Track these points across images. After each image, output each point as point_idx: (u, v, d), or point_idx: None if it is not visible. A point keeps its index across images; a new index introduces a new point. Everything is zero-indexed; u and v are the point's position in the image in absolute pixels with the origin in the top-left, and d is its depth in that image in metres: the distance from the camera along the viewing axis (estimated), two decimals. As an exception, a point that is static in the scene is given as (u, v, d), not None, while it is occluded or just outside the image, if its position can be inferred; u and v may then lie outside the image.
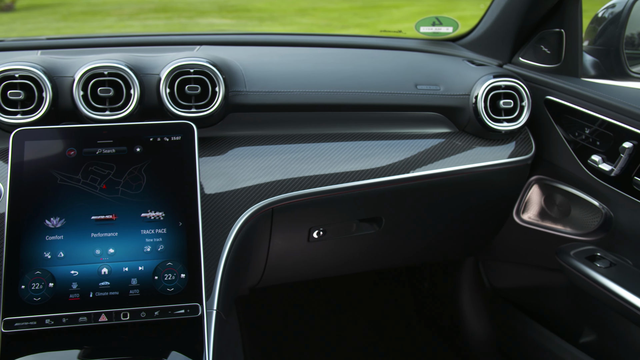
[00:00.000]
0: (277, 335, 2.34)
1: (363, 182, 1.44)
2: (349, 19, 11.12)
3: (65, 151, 1.25)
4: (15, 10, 11.81)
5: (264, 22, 10.68)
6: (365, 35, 1.93)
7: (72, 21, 10.87)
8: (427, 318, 2.37)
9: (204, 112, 1.38)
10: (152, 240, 1.21)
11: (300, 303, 2.42)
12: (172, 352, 1.17)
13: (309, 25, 10.54)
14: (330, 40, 1.83)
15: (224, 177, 1.36)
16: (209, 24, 10.48)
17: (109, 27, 10.27)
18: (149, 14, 11.59)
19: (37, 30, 9.84)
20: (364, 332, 2.40)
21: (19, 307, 1.15)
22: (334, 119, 1.51)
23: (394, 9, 11.47)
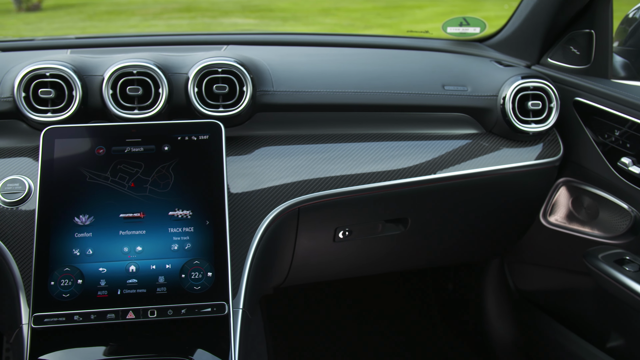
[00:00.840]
0: (300, 335, 2.34)
1: (389, 182, 1.44)
2: (372, 19, 11.10)
3: (94, 149, 1.27)
4: (42, 10, 11.95)
5: (287, 22, 10.70)
6: (392, 36, 1.92)
7: (97, 20, 10.97)
8: (451, 320, 2.36)
9: (231, 111, 1.38)
10: (179, 238, 1.22)
11: (324, 303, 2.42)
12: (198, 349, 1.18)
13: (332, 25, 10.54)
14: (357, 40, 1.82)
15: (251, 176, 1.37)
16: (232, 23, 10.51)
17: (134, 26, 10.35)
18: (173, 13, 11.67)
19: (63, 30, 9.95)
20: (386, 333, 2.39)
21: (48, 303, 1.16)
22: (361, 119, 1.51)
23: (417, 9, 11.43)
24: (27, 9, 11.63)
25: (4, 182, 1.30)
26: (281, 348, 2.25)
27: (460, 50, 1.79)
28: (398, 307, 2.46)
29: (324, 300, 2.42)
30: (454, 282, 2.31)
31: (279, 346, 2.24)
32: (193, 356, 1.17)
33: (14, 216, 1.27)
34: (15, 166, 1.34)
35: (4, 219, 1.27)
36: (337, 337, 2.36)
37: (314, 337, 2.35)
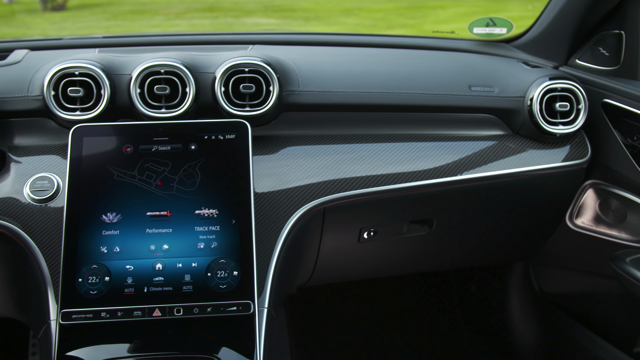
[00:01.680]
0: (322, 335, 2.34)
1: (415, 183, 1.43)
2: (394, 20, 11.06)
3: (122, 148, 1.27)
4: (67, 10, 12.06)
5: (309, 22, 10.69)
6: (418, 36, 1.91)
7: (121, 20, 11.05)
8: (474, 322, 2.34)
9: (257, 110, 1.38)
10: (205, 237, 1.23)
11: (346, 303, 2.42)
12: (223, 348, 1.18)
13: (354, 25, 10.52)
14: (382, 40, 1.82)
15: (277, 176, 1.37)
16: (254, 23, 10.53)
17: (157, 26, 10.40)
18: (196, 13, 11.71)
19: (87, 29, 10.03)
20: (409, 333, 2.38)
21: (76, 299, 1.18)
22: (386, 120, 1.50)
23: (440, 9, 11.37)
24: (53, 8, 11.74)
25: (33, 180, 1.31)
26: (303, 348, 2.25)
27: (486, 50, 1.78)
28: (420, 308, 2.45)
29: (345, 300, 2.42)
30: (477, 284, 2.30)
31: (300, 346, 2.24)
32: (218, 354, 1.17)
33: (42, 213, 1.29)
34: (44, 164, 1.35)
35: (33, 216, 1.29)
36: (358, 338, 2.35)
37: (335, 337, 2.35)
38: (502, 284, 2.14)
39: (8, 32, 9.82)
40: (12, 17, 11.55)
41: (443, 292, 2.45)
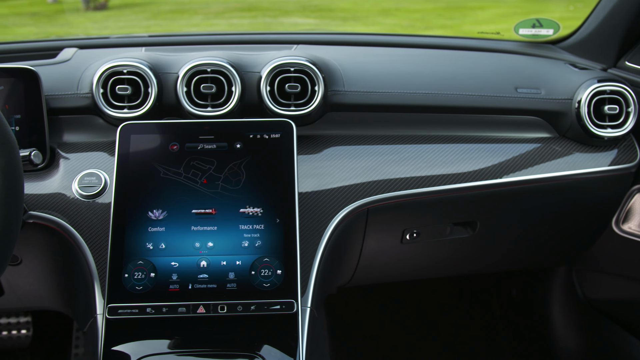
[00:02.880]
0: (359, 336, 2.34)
1: (459, 185, 1.42)
2: (433, 20, 10.98)
3: (168, 145, 1.29)
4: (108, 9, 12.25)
5: (347, 22, 10.68)
6: (462, 37, 1.89)
7: (161, 19, 11.18)
8: (514, 326, 2.32)
9: (302, 110, 1.39)
10: (249, 235, 1.23)
11: (385, 304, 2.41)
12: (265, 346, 1.19)
13: (392, 25, 10.48)
14: (426, 41, 1.81)
15: (320, 176, 1.37)
16: (292, 23, 10.56)
17: (196, 25, 10.50)
18: (235, 12, 11.78)
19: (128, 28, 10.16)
20: (446, 337, 2.37)
21: (122, 295, 1.19)
22: (431, 121, 1.49)
23: (479, 10, 11.26)
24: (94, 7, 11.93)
25: (81, 176, 1.33)
26: (340, 348, 2.25)
27: (532, 52, 1.76)
28: (459, 310, 2.43)
29: (383, 302, 2.41)
30: (518, 288, 2.27)
31: (338, 346, 2.24)
32: (261, 352, 1.18)
33: (89, 209, 1.31)
34: (91, 160, 1.37)
35: (80, 211, 1.31)
36: (395, 339, 2.34)
37: (371, 338, 2.34)
38: (544, 288, 2.11)
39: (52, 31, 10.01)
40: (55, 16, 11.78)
41: (482, 296, 2.43)
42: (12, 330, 2.15)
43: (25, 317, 2.15)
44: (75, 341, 2.16)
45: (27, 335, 2.16)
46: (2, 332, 2.14)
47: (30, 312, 2.16)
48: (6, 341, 2.16)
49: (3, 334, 2.15)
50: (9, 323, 2.14)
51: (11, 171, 1.04)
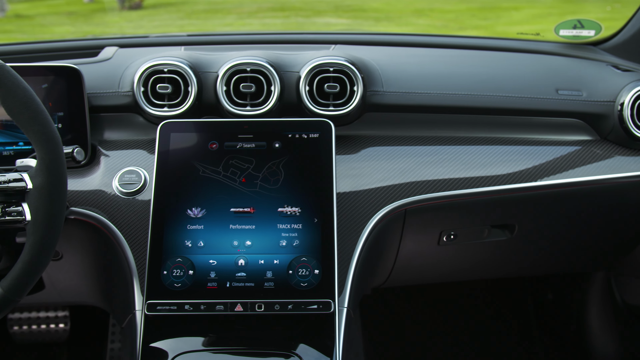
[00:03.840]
0: (394, 336, 2.33)
1: (498, 187, 1.40)
2: (466, 21, 10.90)
3: (207, 144, 1.30)
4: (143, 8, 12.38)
5: (380, 22, 10.65)
6: (501, 38, 1.87)
7: (194, 19, 11.27)
8: (550, 331, 2.29)
9: (341, 110, 1.39)
10: (287, 235, 1.24)
11: (419, 306, 2.40)
12: (302, 345, 1.19)
13: (425, 26, 10.42)
14: (465, 42, 1.79)
15: (358, 176, 1.37)
16: (325, 23, 10.56)
17: (229, 24, 10.56)
18: (267, 12, 11.83)
19: (162, 27, 10.26)
20: (481, 340, 2.34)
21: (160, 291, 1.20)
22: (470, 122, 1.48)
23: (514, 10, 11.14)
24: (129, 7, 12.08)
25: (122, 173, 1.35)
26: (374, 350, 2.24)
27: (573, 53, 1.73)
28: (493, 314, 2.40)
29: (418, 304, 2.40)
30: (554, 292, 2.24)
31: (371, 348, 2.24)
32: (298, 351, 1.18)
33: (129, 206, 1.32)
34: (131, 158, 1.39)
35: (120, 208, 1.32)
36: (427, 342, 2.33)
37: (406, 340, 2.33)
38: (581, 293, 2.08)
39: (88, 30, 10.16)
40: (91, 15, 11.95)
41: (517, 299, 2.40)
42: (51, 324, 2.19)
43: (63, 311, 2.19)
44: (111, 336, 2.19)
45: (65, 330, 2.20)
46: (41, 326, 2.18)
47: (68, 307, 2.19)
48: (45, 334, 2.20)
49: (42, 328, 2.19)
50: (47, 317, 2.18)
51: (55, 168, 1.06)
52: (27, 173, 1.08)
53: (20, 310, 2.15)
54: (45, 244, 1.05)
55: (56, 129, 1.07)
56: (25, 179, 1.07)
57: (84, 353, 2.26)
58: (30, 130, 1.05)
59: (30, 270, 1.05)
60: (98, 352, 2.21)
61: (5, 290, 1.04)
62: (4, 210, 1.08)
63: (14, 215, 1.07)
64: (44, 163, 1.05)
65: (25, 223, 1.06)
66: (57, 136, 1.06)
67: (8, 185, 1.08)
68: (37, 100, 1.06)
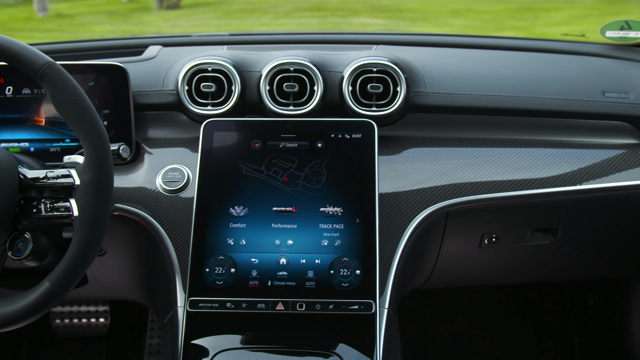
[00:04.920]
0: (430, 338, 2.31)
1: (542, 190, 1.38)
2: (504, 21, 10.78)
3: (250, 143, 1.31)
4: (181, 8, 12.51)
5: (416, 22, 10.60)
6: (546, 39, 1.85)
7: (231, 18, 11.35)
8: (591, 338, 2.25)
9: (384, 111, 1.39)
10: (329, 234, 1.24)
11: (456, 309, 2.38)
12: (343, 345, 1.19)
13: (462, 27, 10.34)
14: (508, 43, 1.77)
15: (400, 177, 1.36)
16: (361, 23, 10.55)
17: (266, 24, 10.60)
18: (303, 12, 11.85)
19: (199, 27, 10.36)
20: (519, 345, 2.32)
21: (203, 288, 1.21)
22: (513, 124, 1.46)
23: (553, 11, 10.99)
24: (167, 6, 12.21)
25: (165, 171, 1.36)
26: (411, 352, 2.23)
27: (620, 55, 1.70)
28: (533, 319, 2.37)
29: (456, 306, 2.38)
30: (595, 297, 2.20)
31: (408, 350, 2.23)
32: (338, 350, 1.18)
33: (172, 204, 1.34)
34: (174, 156, 1.40)
35: (162, 206, 1.34)
36: (466, 345, 2.31)
37: (442, 343, 2.32)
38: (623, 299, 2.03)
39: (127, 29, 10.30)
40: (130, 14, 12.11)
41: (557, 304, 2.36)
42: (91, 318, 2.22)
43: (103, 306, 2.22)
44: (149, 331, 2.22)
45: (105, 324, 2.23)
46: (82, 320, 2.22)
47: (108, 302, 2.23)
48: (85, 328, 2.23)
49: (82, 322, 2.22)
50: (88, 311, 2.22)
51: (102, 164, 1.07)
52: (74, 169, 1.09)
53: (62, 303, 2.19)
54: (92, 240, 1.07)
55: (103, 126, 1.08)
56: (73, 175, 1.08)
57: (123, 347, 2.29)
58: (79, 128, 1.07)
59: (77, 265, 1.06)
60: (136, 346, 2.24)
61: (52, 284, 1.06)
62: (52, 206, 1.10)
63: (61, 210, 1.09)
64: (92, 160, 1.07)
65: (72, 219, 1.08)
66: (104, 133, 1.08)
67: (56, 181, 1.10)
68: (86, 98, 1.08)
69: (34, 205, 1.11)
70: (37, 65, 1.07)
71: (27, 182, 1.12)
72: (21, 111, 1.41)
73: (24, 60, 1.08)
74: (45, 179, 1.11)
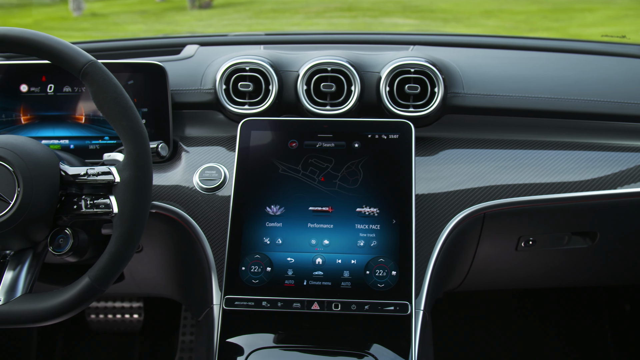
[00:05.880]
0: (464, 340, 2.30)
1: (580, 194, 1.36)
2: (537, 22, 10.67)
3: (287, 142, 1.31)
4: (213, 7, 12.59)
5: (448, 23, 10.55)
6: (585, 40, 1.82)
7: (262, 18, 11.41)
8: (628, 346, 2.21)
9: (421, 112, 1.38)
10: (365, 235, 1.23)
11: (489, 312, 2.36)
12: (377, 345, 1.18)
13: (495, 27, 10.26)
14: (546, 44, 1.75)
15: (437, 179, 1.35)
16: (392, 23, 10.53)
17: (297, 24, 10.64)
18: (335, 12, 11.87)
19: (231, 26, 10.43)
20: (553, 351, 2.29)
21: (238, 287, 1.22)
22: (552, 126, 1.44)
23: (588, 12, 10.86)
24: (199, 6, 12.32)
25: (202, 169, 1.37)
26: (444, 352, 2.22)
27: (663, 57, 1.67)
28: (567, 324, 2.34)
29: (488, 309, 2.36)
30: (632, 303, 2.17)
31: (442, 350, 2.22)
32: (373, 351, 1.18)
33: (208, 202, 1.34)
34: (211, 154, 1.41)
35: (199, 204, 1.34)
36: (499, 349, 2.28)
37: (476, 346, 2.30)
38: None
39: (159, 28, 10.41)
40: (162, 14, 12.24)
41: (592, 309, 2.33)
42: (125, 314, 2.25)
43: (137, 302, 2.25)
44: (182, 328, 2.24)
45: (139, 320, 2.26)
46: (117, 315, 2.25)
47: (142, 298, 2.25)
48: (120, 324, 2.26)
49: (117, 317, 2.25)
50: (122, 307, 2.24)
51: (142, 162, 1.09)
52: (114, 167, 1.11)
53: (97, 299, 2.22)
54: (131, 236, 1.08)
55: (143, 124, 1.10)
56: (113, 173, 1.10)
57: (156, 344, 2.31)
58: (119, 125, 1.08)
59: (116, 261, 1.08)
60: (169, 343, 2.26)
61: (92, 279, 1.07)
62: (92, 203, 1.11)
63: (101, 207, 1.10)
64: (132, 157, 1.08)
65: (112, 215, 1.09)
66: (144, 131, 1.09)
67: (97, 178, 1.11)
68: (127, 96, 1.09)
69: (75, 201, 1.13)
70: (79, 64, 1.09)
71: (68, 178, 1.13)
72: (62, 109, 1.43)
73: (68, 59, 1.09)
74: (86, 176, 1.12)
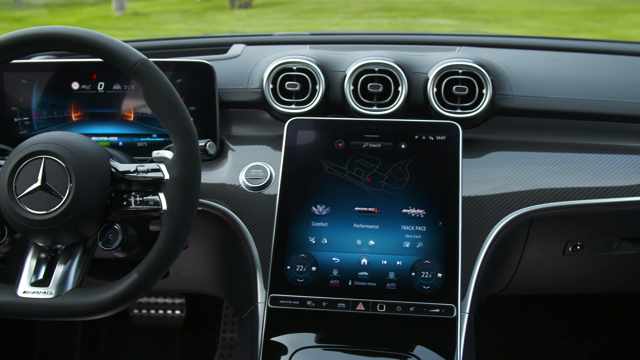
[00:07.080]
0: (507, 345, 2.27)
1: (630, 199, 1.34)
2: (580, 23, 10.50)
3: (333, 142, 1.31)
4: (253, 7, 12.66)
5: (489, 23, 10.44)
6: (634, 42, 1.79)
7: (302, 18, 11.44)
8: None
9: (469, 113, 1.37)
10: (411, 236, 1.23)
11: (533, 317, 2.32)
12: (422, 347, 1.18)
13: (537, 28, 10.12)
14: (595, 45, 1.72)
15: (483, 181, 1.34)
16: (432, 24, 10.47)
17: (336, 24, 10.64)
18: (374, 12, 11.85)
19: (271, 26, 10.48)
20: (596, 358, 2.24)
21: (284, 285, 1.22)
22: (602, 130, 1.42)
23: (633, 13, 10.65)
24: (239, 6, 12.41)
25: (248, 168, 1.38)
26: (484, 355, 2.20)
27: None
28: (611, 332, 2.29)
29: (532, 314, 2.32)
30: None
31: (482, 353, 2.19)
32: (415, 352, 1.17)
33: (253, 200, 1.35)
34: (257, 153, 1.42)
35: (244, 202, 1.35)
36: (541, 355, 2.25)
37: (518, 351, 2.27)
38: None
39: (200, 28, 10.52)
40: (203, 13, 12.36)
41: (638, 317, 2.28)
42: (168, 310, 2.28)
43: (180, 298, 2.27)
44: (223, 326, 2.25)
45: (181, 316, 2.28)
46: (159, 311, 2.28)
47: (184, 294, 2.28)
48: (162, 320, 2.29)
49: (159, 313, 2.28)
50: (165, 303, 2.27)
51: (191, 160, 1.10)
52: (164, 164, 1.12)
53: None
54: (179, 233, 1.09)
55: (193, 123, 1.11)
56: (163, 170, 1.11)
57: (197, 340, 2.34)
58: (169, 123, 1.09)
59: (164, 258, 1.09)
60: (210, 340, 2.28)
61: (141, 275, 1.08)
62: (142, 199, 1.12)
63: (151, 204, 1.11)
64: (181, 155, 1.09)
65: (160, 212, 1.10)
66: (193, 130, 1.10)
67: (146, 175, 1.12)
68: (177, 94, 1.10)
69: (124, 198, 1.14)
70: (131, 62, 1.10)
71: (118, 175, 1.15)
72: (111, 106, 1.45)
73: (119, 57, 1.11)
74: (136, 172, 1.14)
